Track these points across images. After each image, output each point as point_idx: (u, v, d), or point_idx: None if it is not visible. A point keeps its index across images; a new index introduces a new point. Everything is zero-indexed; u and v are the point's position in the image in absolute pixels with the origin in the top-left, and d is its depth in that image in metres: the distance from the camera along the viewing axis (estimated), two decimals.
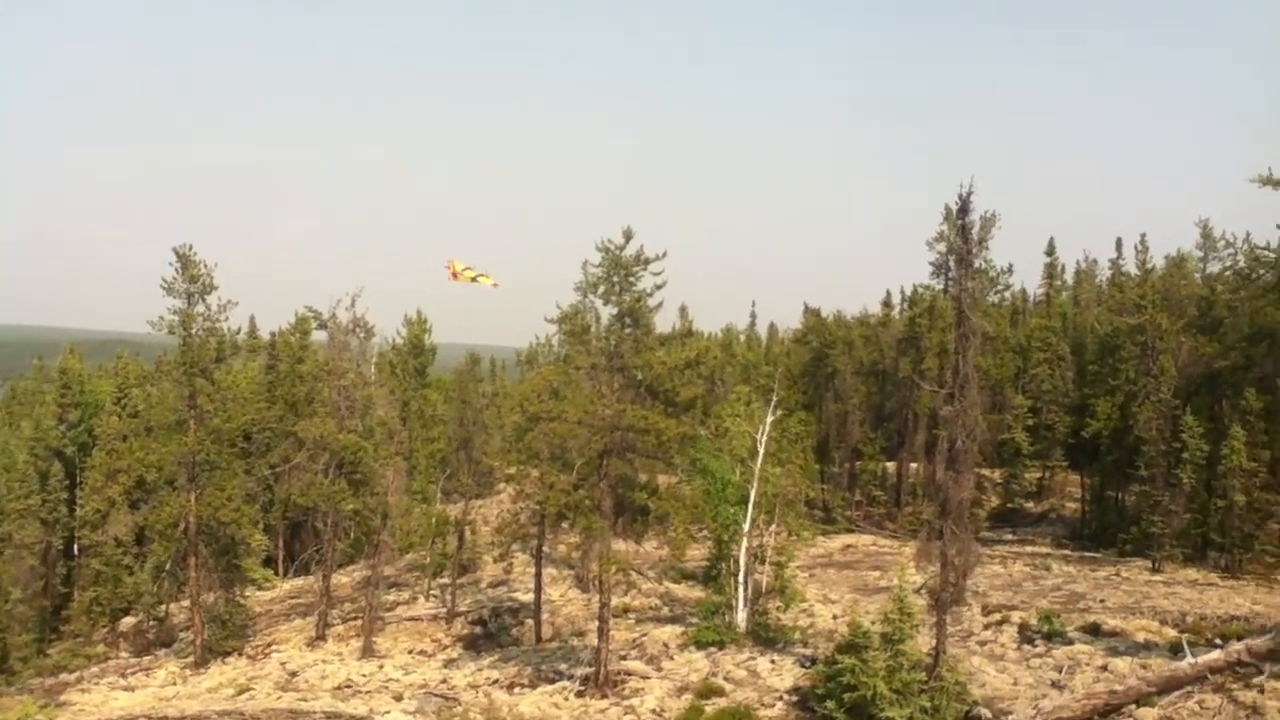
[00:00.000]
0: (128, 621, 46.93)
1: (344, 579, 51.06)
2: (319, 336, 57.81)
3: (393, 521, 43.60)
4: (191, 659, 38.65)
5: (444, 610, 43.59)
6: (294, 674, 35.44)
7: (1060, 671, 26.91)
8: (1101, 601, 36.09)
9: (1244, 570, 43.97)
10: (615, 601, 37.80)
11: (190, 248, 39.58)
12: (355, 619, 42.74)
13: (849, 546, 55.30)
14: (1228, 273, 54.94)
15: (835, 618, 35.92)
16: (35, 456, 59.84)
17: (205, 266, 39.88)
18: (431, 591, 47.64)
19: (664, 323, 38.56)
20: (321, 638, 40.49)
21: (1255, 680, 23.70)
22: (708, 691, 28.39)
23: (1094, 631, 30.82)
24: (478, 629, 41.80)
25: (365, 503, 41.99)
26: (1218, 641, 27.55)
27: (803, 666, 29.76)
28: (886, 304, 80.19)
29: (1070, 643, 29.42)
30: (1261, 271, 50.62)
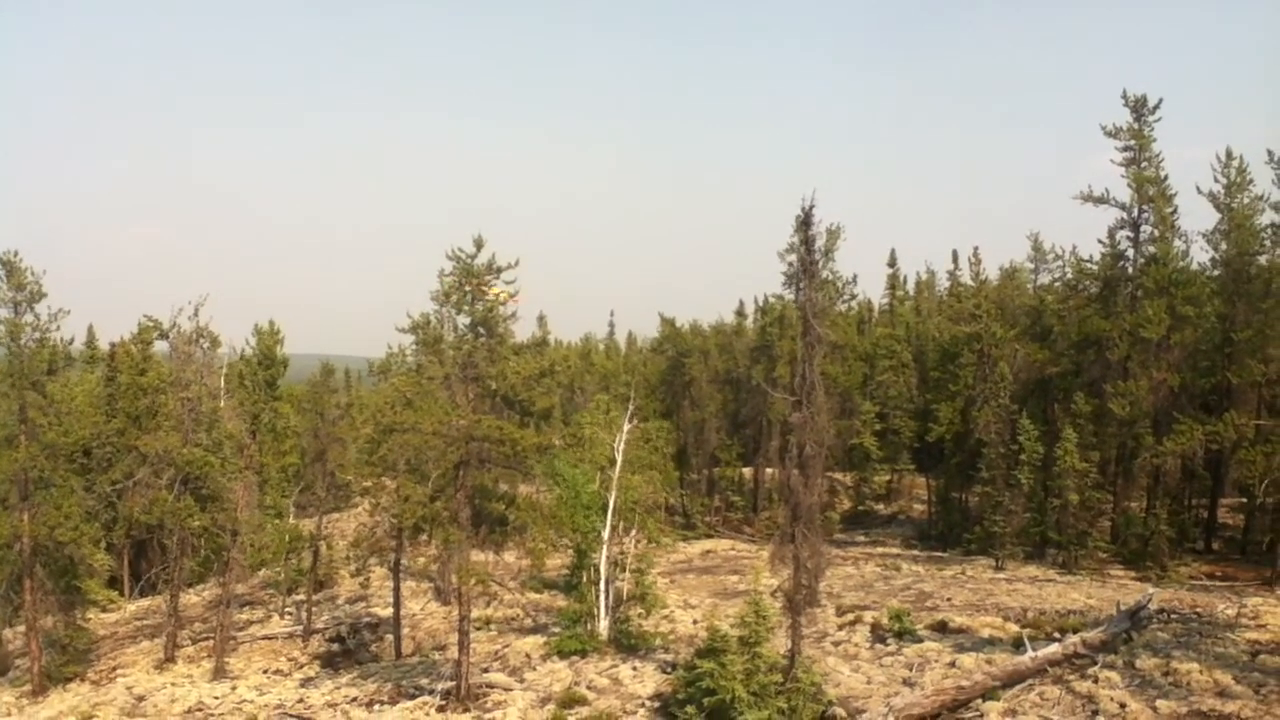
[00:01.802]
0: None
1: (194, 598, 49.34)
2: (162, 347, 55.81)
3: (243, 538, 42.33)
4: (29, 687, 36.77)
5: (300, 628, 42.57)
6: (141, 699, 34.06)
7: (911, 669, 27.97)
8: (949, 600, 37.68)
9: (1079, 566, 46.49)
10: (476, 613, 37.66)
11: (16, 254, 37.77)
12: (206, 639, 41.38)
13: (709, 551, 56.25)
14: (1057, 284, 58.08)
15: (695, 623, 36.54)
16: None
17: (33, 274, 38.11)
18: (287, 609, 46.46)
19: (522, 331, 38.64)
20: (171, 660, 39.05)
21: (1090, 671, 25.22)
22: (570, 701, 28.52)
23: (942, 629, 32.17)
24: (335, 646, 40.98)
25: (214, 519, 40.74)
26: (1056, 635, 29.09)
27: (663, 672, 30.18)
28: (740, 313, 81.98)
29: (920, 641, 30.61)
30: (1087, 282, 53.76)
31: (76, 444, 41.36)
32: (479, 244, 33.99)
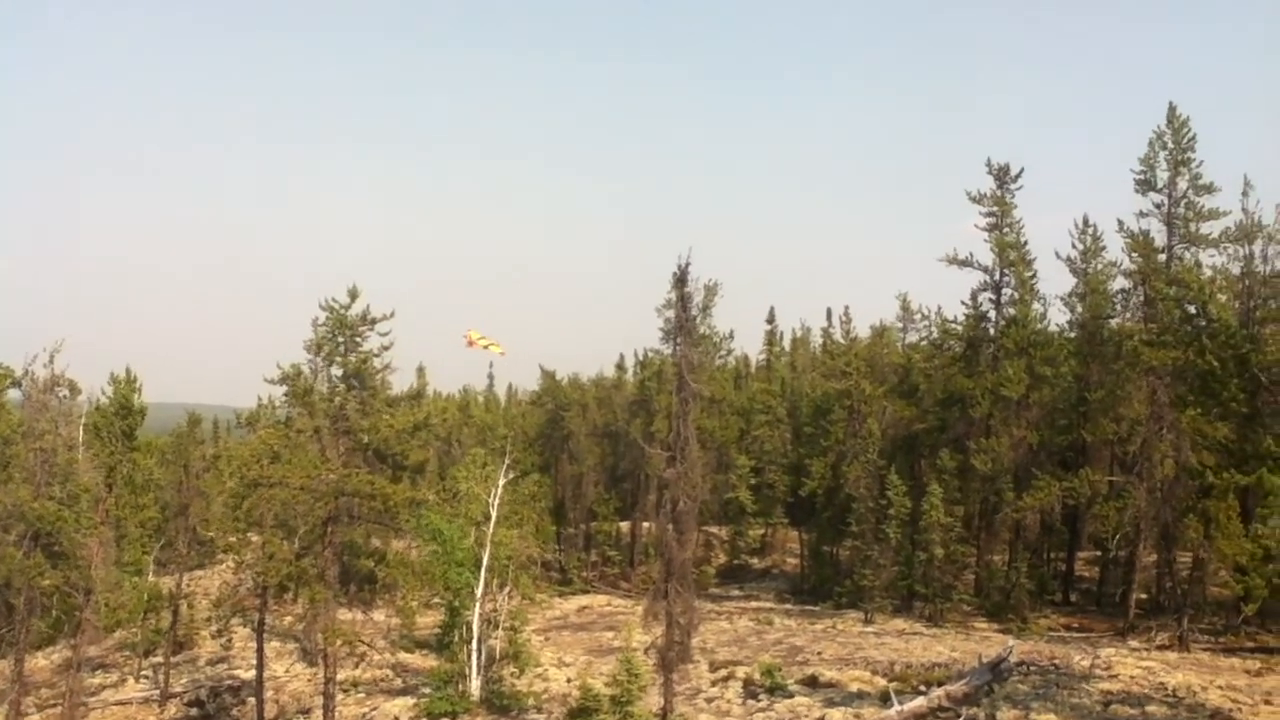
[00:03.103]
0: None
1: (42, 661, 46.72)
2: (14, 395, 53.39)
3: (98, 597, 40.34)
4: None
5: (157, 692, 40.73)
6: None
7: None
8: (819, 654, 38.19)
9: (945, 619, 47.64)
10: (344, 674, 36.58)
11: None
12: (54, 705, 39.16)
13: (585, 608, 55.87)
14: (923, 343, 60.03)
15: (569, 681, 36.16)
16: None
17: None
18: (143, 672, 44.38)
19: (401, 382, 38.17)
20: None
21: None
22: None
23: (812, 683, 32.52)
24: (194, 711, 39.31)
25: (66, 577, 38.90)
26: (921, 689, 29.71)
27: None
28: (620, 366, 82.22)
29: (791, 695, 30.90)
30: (952, 342, 55.75)
31: None
32: (353, 294, 33.69)
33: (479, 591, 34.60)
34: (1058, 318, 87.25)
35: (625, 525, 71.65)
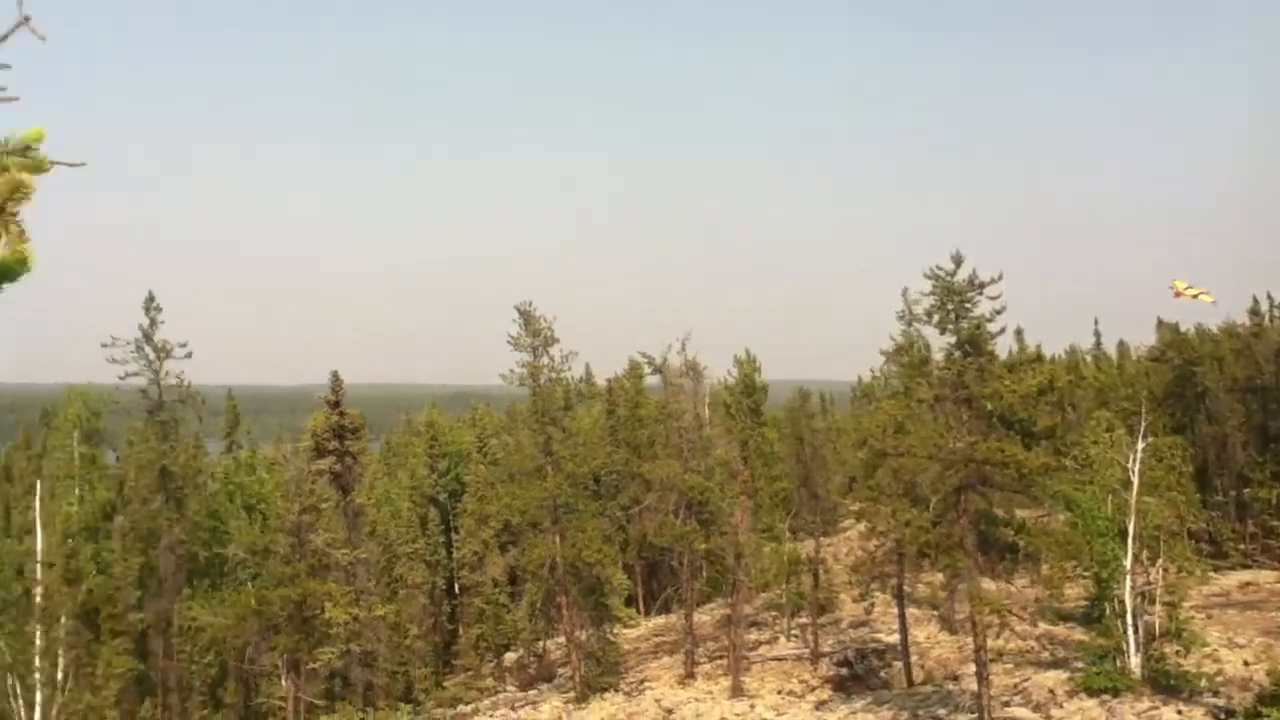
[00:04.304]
0: (510, 657, 49.98)
1: (704, 617, 51.98)
2: (652, 381, 59.95)
3: (746, 560, 44.10)
4: (573, 694, 40.55)
5: (807, 650, 43.33)
6: (670, 711, 36.35)
7: None
8: None
9: None
10: (989, 644, 36.12)
11: (530, 304, 42.40)
12: (720, 658, 43.34)
13: (1248, 584, 49.98)
14: None
15: (1247, 664, 32.47)
16: (414, 504, 65.28)
17: (545, 321, 42.52)
18: (791, 631, 47.54)
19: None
20: (690, 676, 41.34)
21: None
22: None
23: None
24: (844, 670, 41.23)
25: (716, 542, 42.82)
26: None
27: (1216, 718, 27.08)
28: (1254, 312, 72.51)
29: None
30: None
31: (589, 473, 45.28)
32: (957, 260, 32.98)
33: (1127, 563, 32.27)
34: None
35: None
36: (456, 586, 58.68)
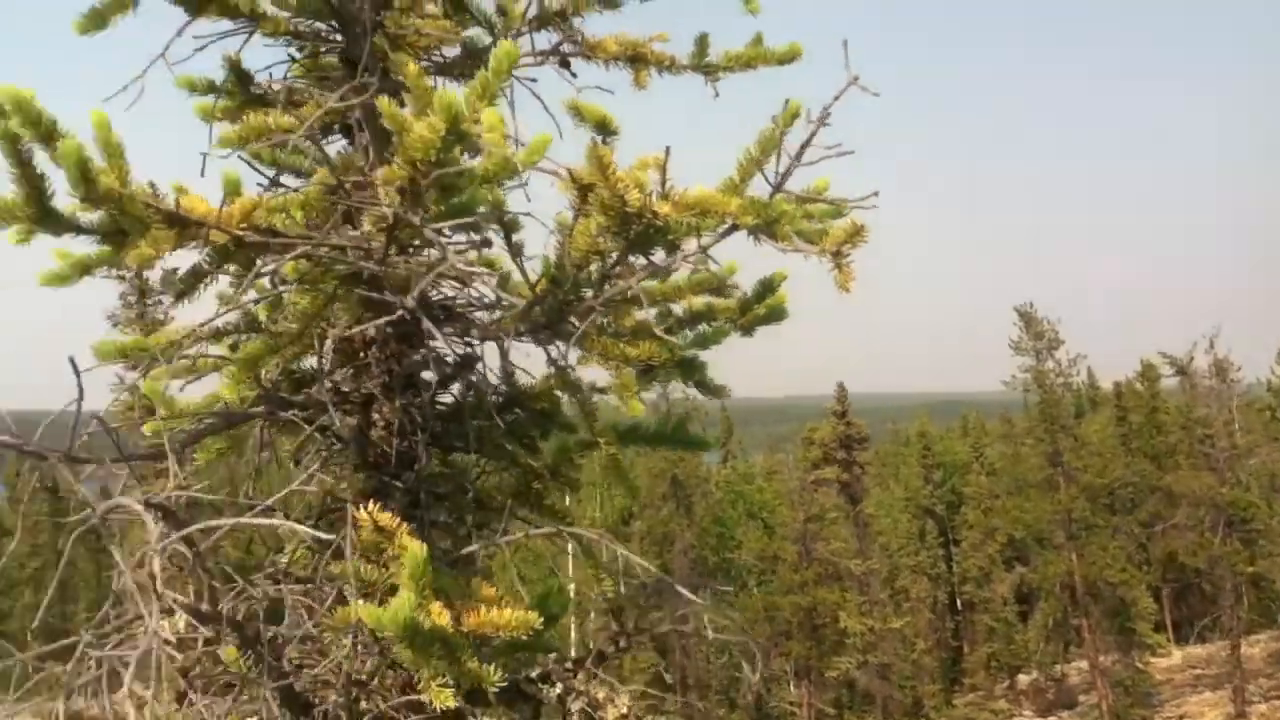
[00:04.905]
0: (1024, 679, 47.51)
1: (1250, 650, 46.34)
2: (1168, 384, 55.07)
3: None
4: None
5: None
6: None
7: None
8: None
9: None
10: None
11: (1031, 305, 40.32)
12: (1276, 697, 38.33)
13: None
14: None
15: None
16: (910, 515, 64.20)
17: (1048, 323, 40.19)
18: None
19: None
20: (1241, 715, 36.95)
21: None
22: None
23: None
24: None
25: (1264, 565, 38.34)
26: None
27: None
28: None
29: None
30: None
31: (1106, 486, 42.24)
32: None
33: None
34: None
35: None
36: (959, 602, 56.94)
